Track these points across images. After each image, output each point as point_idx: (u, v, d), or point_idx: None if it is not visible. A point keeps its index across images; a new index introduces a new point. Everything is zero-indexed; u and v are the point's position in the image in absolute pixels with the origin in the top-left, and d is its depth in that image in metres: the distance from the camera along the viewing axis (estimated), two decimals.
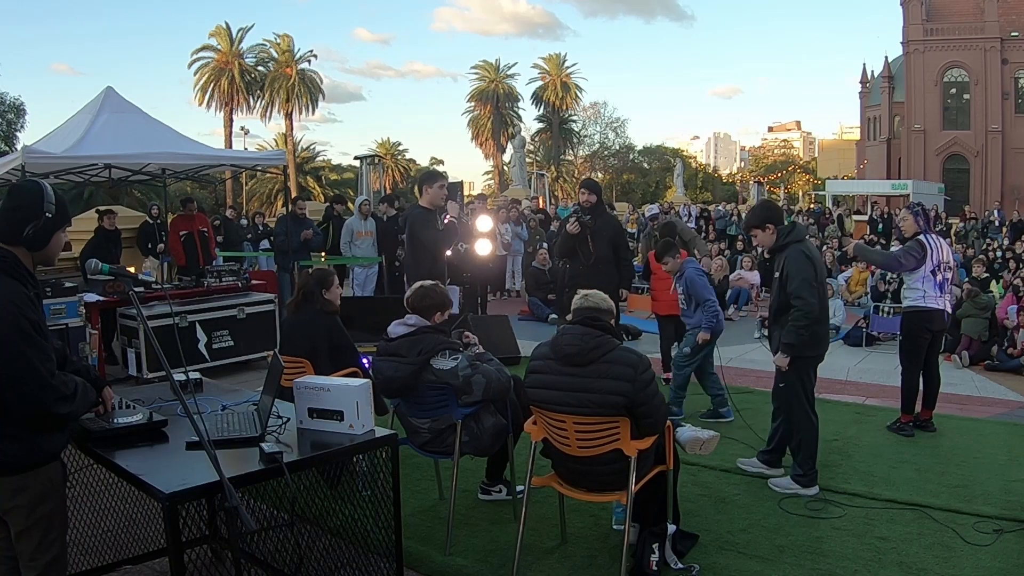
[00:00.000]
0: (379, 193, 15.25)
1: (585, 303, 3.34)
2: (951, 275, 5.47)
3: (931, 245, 5.29)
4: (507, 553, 3.54)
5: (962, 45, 38.87)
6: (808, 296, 4.16)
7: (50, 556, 2.39)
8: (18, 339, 2.19)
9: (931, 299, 5.28)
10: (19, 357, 2.18)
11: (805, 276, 4.19)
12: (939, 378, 5.55)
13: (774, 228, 4.40)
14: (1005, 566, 3.47)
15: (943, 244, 5.44)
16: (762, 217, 4.47)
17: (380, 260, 10.07)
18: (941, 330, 5.47)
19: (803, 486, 4.30)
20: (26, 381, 2.19)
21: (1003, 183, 38.30)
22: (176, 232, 9.19)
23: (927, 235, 5.36)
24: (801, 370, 4.34)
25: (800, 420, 4.35)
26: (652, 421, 3.20)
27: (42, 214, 2.34)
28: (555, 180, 42.00)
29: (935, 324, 5.34)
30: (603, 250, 6.31)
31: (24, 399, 2.19)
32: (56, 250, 2.44)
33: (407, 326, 3.70)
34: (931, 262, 5.27)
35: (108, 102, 8.34)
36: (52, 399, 2.24)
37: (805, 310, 4.17)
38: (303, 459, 2.67)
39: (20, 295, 2.26)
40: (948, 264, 5.39)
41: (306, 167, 43.28)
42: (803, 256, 4.26)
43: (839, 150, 55.35)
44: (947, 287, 5.40)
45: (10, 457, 2.27)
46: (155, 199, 12.74)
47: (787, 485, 4.33)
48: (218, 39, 40.21)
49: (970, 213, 21.04)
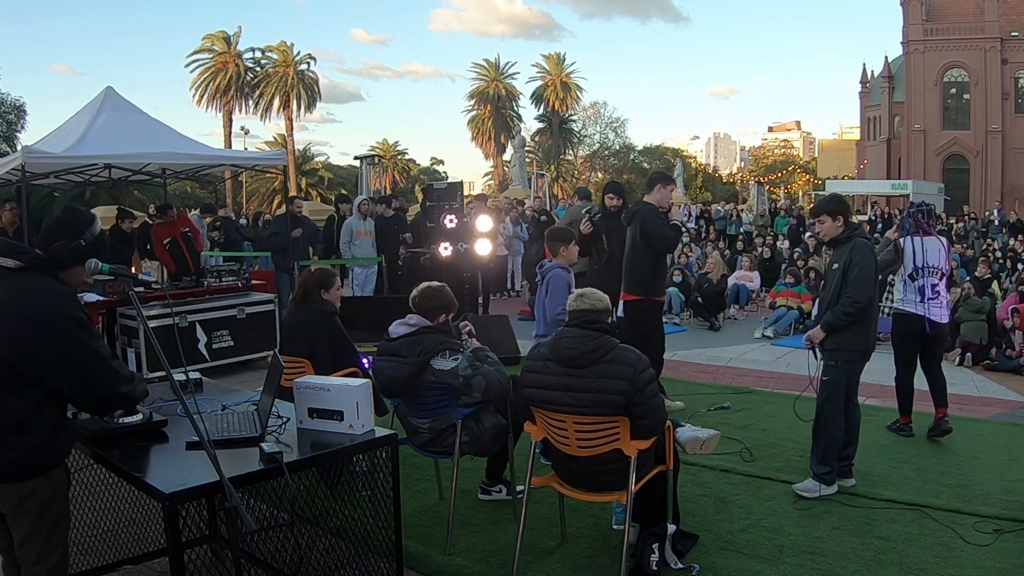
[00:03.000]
0: (379, 193, 15.24)
1: (581, 304, 3.32)
2: (940, 280, 5.22)
3: (909, 249, 5.19)
4: (507, 553, 3.54)
5: (962, 45, 38.89)
6: (864, 290, 4.19)
7: (53, 560, 2.40)
8: (77, 329, 2.34)
9: (909, 304, 5.20)
10: (82, 346, 2.33)
11: (868, 270, 4.23)
12: (943, 378, 5.38)
13: (844, 220, 4.43)
14: (1005, 566, 3.47)
15: (932, 248, 5.21)
16: (835, 206, 4.48)
17: (380, 260, 10.07)
18: (933, 336, 5.21)
19: (828, 484, 4.28)
20: (94, 367, 2.35)
21: (1003, 183, 38.33)
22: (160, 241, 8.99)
23: (910, 238, 5.23)
24: (848, 368, 4.33)
25: (834, 417, 4.31)
26: (647, 423, 3.18)
27: (77, 238, 2.47)
28: (555, 180, 41.99)
29: (914, 329, 5.19)
30: (619, 249, 6.08)
31: (93, 385, 2.36)
32: (72, 281, 2.51)
33: (408, 326, 3.70)
34: (909, 265, 5.18)
35: (108, 102, 8.34)
36: (117, 381, 2.42)
37: (856, 300, 4.19)
38: (303, 459, 2.67)
39: (70, 293, 2.43)
40: (935, 268, 5.18)
41: (305, 167, 43.32)
42: (869, 251, 4.31)
43: (839, 150, 55.40)
44: (932, 292, 5.15)
45: (21, 462, 2.29)
46: (155, 199, 12.72)
47: (813, 488, 4.26)
48: (215, 42, 40.25)
49: (970, 213, 21.05)
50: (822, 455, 4.30)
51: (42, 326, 2.28)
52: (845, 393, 4.36)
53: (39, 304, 2.30)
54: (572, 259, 5.18)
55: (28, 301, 2.30)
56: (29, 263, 2.36)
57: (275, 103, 40.71)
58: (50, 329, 2.28)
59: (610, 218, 6.28)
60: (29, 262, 2.36)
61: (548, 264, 5.09)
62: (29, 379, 2.27)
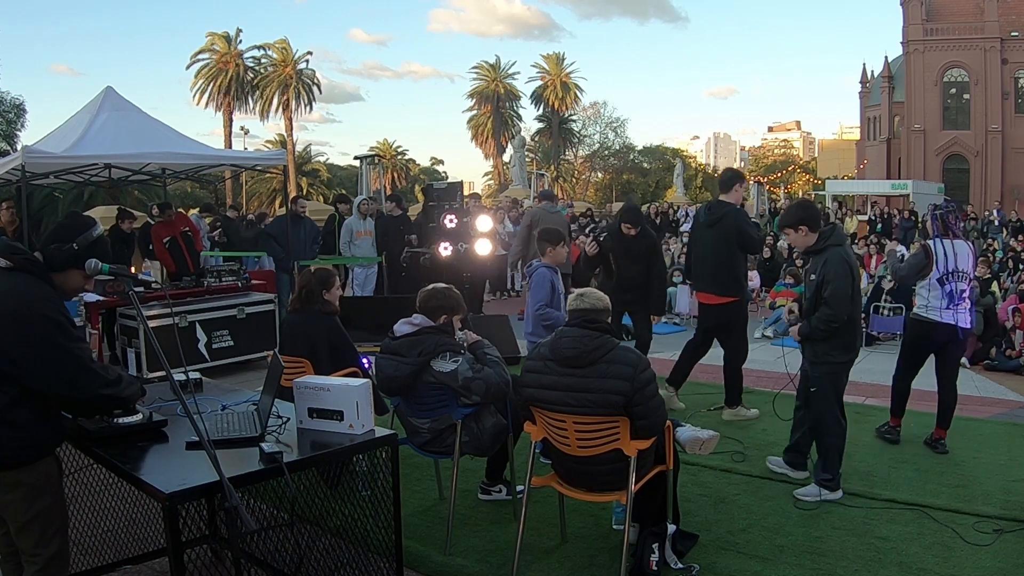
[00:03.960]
0: (379, 193, 15.23)
1: (581, 304, 3.32)
2: (969, 286, 5.01)
3: (940, 252, 4.96)
4: (507, 553, 3.54)
5: (962, 45, 38.87)
6: (840, 309, 4.09)
7: (51, 551, 2.43)
8: (53, 329, 2.33)
9: (933, 311, 4.95)
10: (56, 346, 2.33)
11: (843, 287, 4.10)
12: (955, 396, 5.09)
13: (808, 230, 4.26)
14: (1005, 566, 3.47)
15: (962, 251, 4.99)
16: (796, 217, 4.31)
17: (380, 260, 10.07)
18: (950, 343, 5.01)
19: (831, 490, 4.24)
20: (69, 368, 2.35)
21: (1003, 183, 38.31)
22: (159, 240, 9.00)
23: (939, 240, 5.03)
24: (832, 376, 4.29)
25: (830, 425, 4.28)
26: (647, 423, 3.18)
27: (70, 242, 2.49)
28: (555, 180, 41.98)
29: (937, 337, 4.99)
30: (629, 270, 5.90)
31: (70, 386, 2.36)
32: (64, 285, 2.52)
33: (412, 325, 3.70)
34: (938, 270, 4.94)
35: (108, 102, 8.34)
36: (96, 383, 2.41)
37: (831, 320, 4.11)
38: (303, 459, 2.67)
39: (51, 294, 2.41)
40: (965, 273, 4.96)
41: (305, 167, 43.33)
42: (843, 263, 4.15)
43: (839, 150, 55.29)
44: (960, 299, 4.94)
45: (4, 452, 2.32)
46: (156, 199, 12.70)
47: (815, 493, 4.22)
48: (217, 41, 40.25)
49: (971, 212, 21.04)
50: (824, 463, 4.28)
51: (17, 325, 2.31)
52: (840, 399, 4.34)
53: (17, 303, 2.33)
54: (559, 259, 5.18)
55: (8, 300, 2.33)
56: (19, 264, 2.39)
57: (275, 102, 40.72)
58: (25, 329, 2.31)
59: (619, 240, 5.97)
60: (19, 263, 2.39)
61: (535, 264, 5.14)
62: (9, 376, 2.31)
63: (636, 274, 5.92)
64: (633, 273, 5.92)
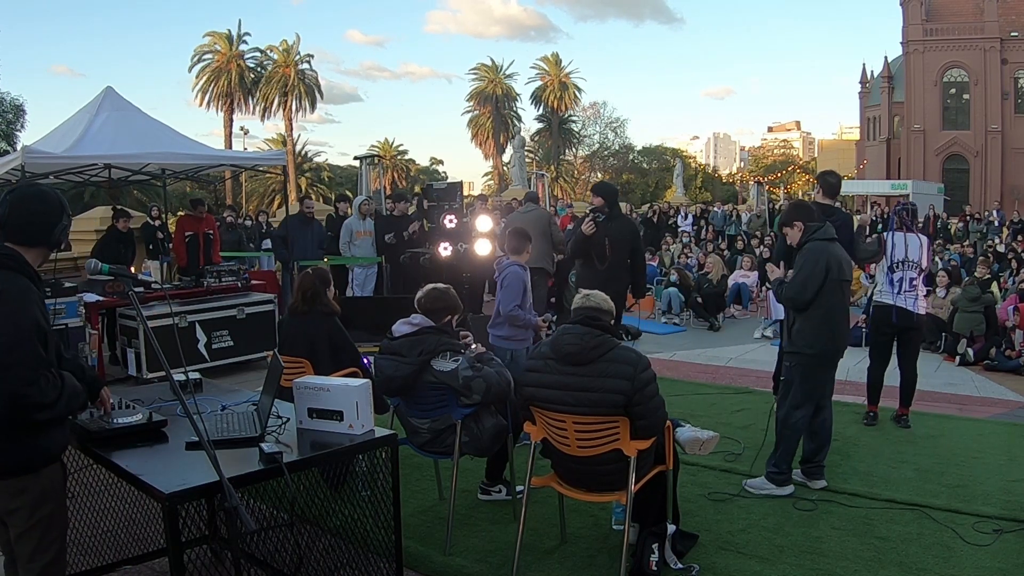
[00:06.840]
0: (379, 193, 15.21)
1: (586, 303, 3.34)
2: (917, 275, 5.53)
3: (890, 243, 5.52)
4: (507, 553, 3.54)
5: (962, 45, 38.91)
6: (796, 292, 4.24)
7: (48, 558, 2.39)
8: (13, 332, 2.20)
9: (886, 295, 5.51)
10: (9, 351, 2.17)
11: (807, 275, 4.20)
12: (915, 376, 5.63)
13: (803, 225, 4.44)
14: (1005, 566, 3.46)
15: (913, 244, 5.52)
16: (790, 216, 4.60)
17: (380, 260, 10.07)
18: (905, 328, 5.51)
19: (777, 484, 4.27)
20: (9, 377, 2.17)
21: (1003, 183, 38.35)
22: (181, 232, 9.09)
23: (893, 233, 5.58)
24: (801, 368, 4.30)
25: (786, 417, 4.32)
26: (648, 423, 3.18)
27: (64, 217, 2.47)
28: (555, 180, 41.99)
29: (887, 319, 5.49)
30: (619, 254, 5.98)
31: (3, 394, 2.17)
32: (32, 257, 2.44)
33: (411, 325, 3.70)
34: (889, 258, 5.50)
35: (107, 102, 8.35)
36: (31, 403, 2.21)
37: (788, 297, 4.33)
38: (303, 459, 2.67)
39: (31, 292, 2.31)
40: (914, 263, 5.50)
41: (305, 167, 43.33)
42: (815, 255, 4.24)
43: (839, 150, 55.44)
44: (909, 286, 5.48)
45: (11, 460, 2.27)
46: (156, 199, 12.71)
47: (760, 485, 4.30)
48: (218, 41, 40.26)
49: (973, 213, 21.05)
50: (775, 455, 4.31)
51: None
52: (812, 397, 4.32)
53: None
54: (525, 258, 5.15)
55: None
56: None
57: (275, 103, 40.72)
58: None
59: (615, 222, 6.01)
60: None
61: (506, 262, 5.10)
62: None
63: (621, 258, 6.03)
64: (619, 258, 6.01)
